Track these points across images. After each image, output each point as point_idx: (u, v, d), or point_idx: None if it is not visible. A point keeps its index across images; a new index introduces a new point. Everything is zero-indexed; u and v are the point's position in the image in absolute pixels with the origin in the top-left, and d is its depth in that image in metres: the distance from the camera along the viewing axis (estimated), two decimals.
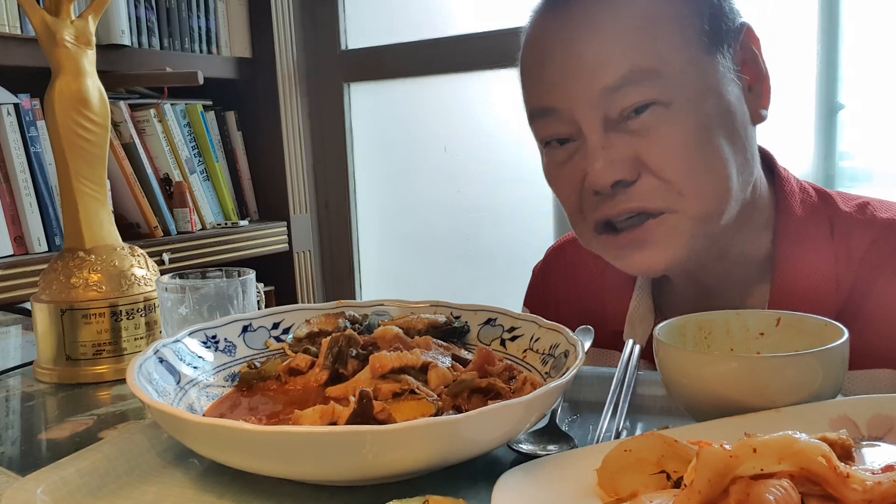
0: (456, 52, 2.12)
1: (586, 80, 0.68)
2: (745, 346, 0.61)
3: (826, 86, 1.67)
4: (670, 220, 0.69)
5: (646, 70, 0.66)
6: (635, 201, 0.69)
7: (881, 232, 0.74)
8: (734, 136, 0.70)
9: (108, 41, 1.81)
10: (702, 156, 0.68)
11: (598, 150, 0.68)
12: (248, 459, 0.48)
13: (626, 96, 0.67)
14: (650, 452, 0.44)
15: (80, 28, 0.82)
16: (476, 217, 2.23)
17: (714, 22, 0.70)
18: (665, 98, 0.67)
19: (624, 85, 0.67)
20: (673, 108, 0.67)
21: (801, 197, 0.77)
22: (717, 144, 0.69)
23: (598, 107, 0.68)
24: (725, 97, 0.70)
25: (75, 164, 0.82)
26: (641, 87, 0.66)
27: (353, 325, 0.70)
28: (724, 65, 0.70)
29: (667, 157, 0.67)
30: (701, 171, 0.68)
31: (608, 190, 0.69)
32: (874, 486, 0.38)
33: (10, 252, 1.65)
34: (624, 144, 0.68)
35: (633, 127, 0.68)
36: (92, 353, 0.80)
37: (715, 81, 0.69)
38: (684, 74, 0.67)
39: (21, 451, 0.62)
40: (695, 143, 0.67)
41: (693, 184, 0.68)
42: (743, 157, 0.71)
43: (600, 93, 0.67)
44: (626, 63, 0.67)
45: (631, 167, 0.68)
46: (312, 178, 2.40)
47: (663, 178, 0.68)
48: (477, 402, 0.56)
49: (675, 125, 0.67)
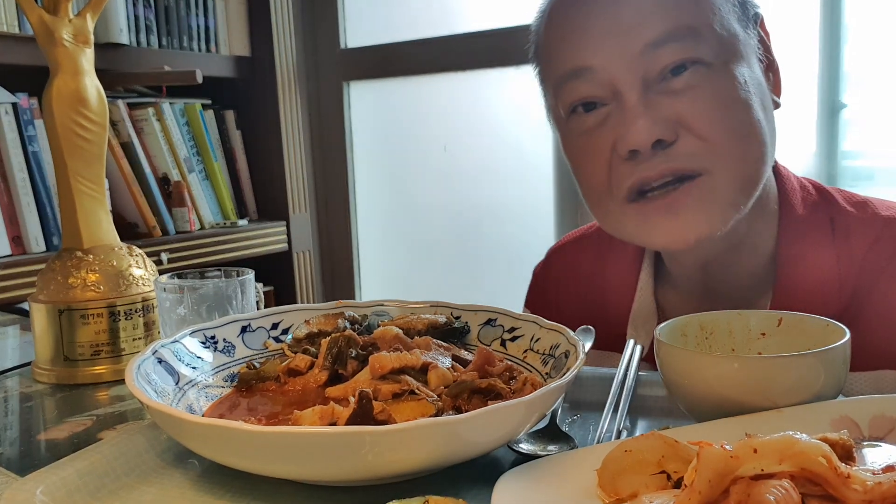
0: (456, 51, 2.12)
1: (626, 38, 0.67)
2: (747, 346, 0.61)
3: (828, 85, 1.67)
4: (707, 182, 0.67)
5: (689, 27, 0.67)
6: (674, 161, 0.67)
7: (882, 230, 0.74)
8: (766, 106, 0.71)
9: (106, 40, 1.81)
10: (741, 118, 0.68)
11: (639, 109, 0.67)
12: (248, 460, 0.48)
13: (669, 53, 0.66)
14: (651, 453, 0.44)
15: (78, 26, 0.81)
16: (476, 217, 2.23)
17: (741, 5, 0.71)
18: (706, 58, 0.67)
19: (668, 41, 0.66)
20: (713, 69, 0.67)
21: (801, 195, 0.77)
22: (755, 109, 0.69)
23: (638, 65, 0.67)
24: (756, 70, 0.71)
25: (73, 163, 0.81)
26: (685, 44, 0.66)
27: (353, 326, 0.70)
28: (752, 40, 0.72)
29: (708, 117, 0.67)
30: (741, 132, 0.68)
31: (647, 150, 0.67)
32: (875, 486, 0.38)
33: (8, 252, 1.65)
34: (664, 104, 0.67)
35: (674, 87, 0.67)
36: (90, 354, 0.80)
37: (748, 51, 0.71)
38: (723, 37, 0.68)
39: (20, 451, 0.62)
40: (735, 105, 0.67)
41: (734, 144, 0.67)
42: (771, 130, 0.72)
43: (642, 49, 0.67)
44: (669, 19, 0.66)
45: (671, 128, 0.67)
46: (312, 178, 2.40)
47: (704, 138, 0.67)
48: (477, 402, 0.56)
49: (716, 85, 0.67)
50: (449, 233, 2.30)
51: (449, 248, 2.30)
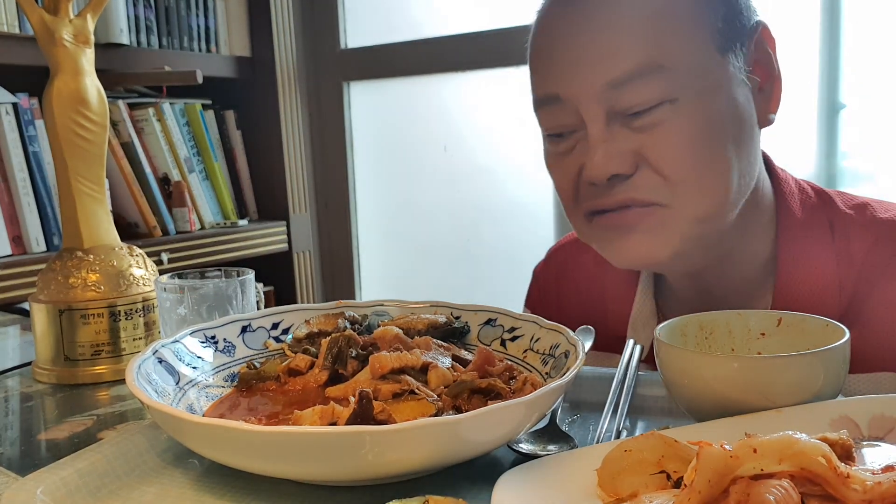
0: (456, 52, 2.12)
1: (591, 72, 0.67)
2: (746, 346, 0.61)
3: (828, 85, 1.67)
4: (661, 212, 0.68)
5: (653, 66, 0.65)
6: (628, 193, 0.68)
7: (881, 233, 0.74)
8: (740, 138, 0.69)
9: (106, 40, 1.81)
10: (705, 155, 0.67)
11: (599, 142, 0.67)
12: (248, 459, 0.48)
13: (633, 92, 0.66)
14: (650, 453, 0.44)
15: (78, 27, 0.81)
16: (476, 217, 2.23)
17: (729, 20, 0.68)
18: (671, 95, 0.66)
19: (630, 80, 0.66)
20: (680, 105, 0.66)
21: (800, 198, 0.77)
22: (722, 145, 0.68)
23: (602, 99, 0.67)
24: (734, 98, 0.69)
25: (74, 163, 0.81)
26: (648, 83, 0.65)
27: (353, 326, 0.70)
28: (735, 65, 0.69)
29: (669, 154, 0.66)
30: (703, 170, 0.67)
31: (604, 182, 0.68)
32: (874, 486, 0.38)
33: (9, 252, 1.65)
34: (625, 138, 0.67)
35: (638, 123, 0.67)
36: (90, 354, 0.80)
37: (725, 81, 0.68)
38: (693, 71, 0.66)
39: (20, 451, 0.62)
40: (700, 142, 0.66)
41: (693, 182, 0.67)
42: (747, 161, 0.70)
43: (606, 86, 0.66)
44: (634, 56, 0.65)
45: (630, 161, 0.67)
46: (312, 178, 2.40)
47: (663, 175, 0.67)
48: (477, 402, 0.56)
49: (682, 122, 0.66)
50: (449, 233, 2.30)
51: (449, 248, 2.30)
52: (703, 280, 0.78)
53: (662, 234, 0.68)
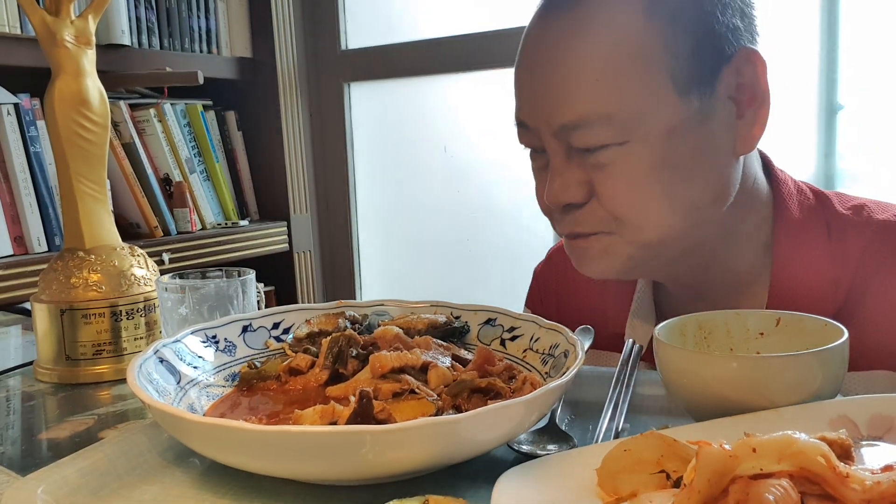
0: (456, 52, 2.12)
1: (547, 112, 0.70)
2: (745, 346, 0.61)
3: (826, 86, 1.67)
4: (604, 239, 0.72)
5: (602, 114, 0.67)
6: (578, 226, 0.73)
7: (878, 234, 0.74)
8: (694, 175, 0.70)
9: (108, 41, 1.81)
10: (651, 193, 0.69)
11: (557, 173, 0.71)
12: (248, 459, 0.48)
13: (583, 136, 0.69)
14: (650, 452, 0.45)
15: (79, 28, 0.82)
16: (476, 217, 2.23)
17: (696, 60, 0.67)
18: (620, 139, 0.68)
19: (579, 126, 0.68)
20: (629, 147, 0.68)
21: (798, 199, 0.77)
22: (671, 182, 0.69)
23: (559, 136, 0.70)
24: (692, 139, 0.69)
25: (75, 163, 0.82)
26: (598, 130, 0.68)
27: (353, 325, 0.70)
28: (699, 104, 0.68)
29: (616, 192, 0.70)
30: (644, 207, 0.70)
31: (559, 209, 0.73)
32: (873, 485, 0.38)
33: (10, 252, 1.65)
34: (580, 171, 0.71)
35: (591, 160, 0.70)
36: (92, 353, 0.80)
37: (681, 124, 0.68)
38: (645, 117, 0.67)
39: (21, 450, 0.62)
40: (644, 183, 0.69)
41: (634, 217, 0.70)
42: (709, 194, 0.71)
43: (559, 127, 0.70)
44: (582, 106, 0.68)
45: (584, 192, 0.71)
46: (312, 178, 2.40)
47: (608, 209, 0.70)
48: (477, 401, 0.56)
49: (629, 164, 0.68)
50: (449, 233, 2.30)
51: (449, 248, 2.31)
52: (690, 282, 0.79)
53: (610, 257, 0.73)
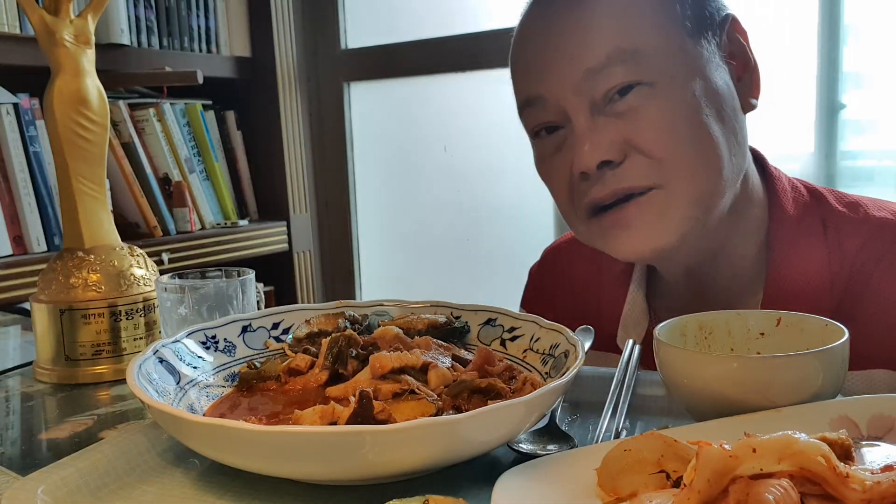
0: (456, 52, 2.12)
1: (569, 65, 0.69)
2: (746, 346, 0.61)
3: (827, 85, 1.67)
4: (658, 197, 0.68)
5: (628, 50, 0.67)
6: (623, 181, 0.69)
7: (874, 231, 0.74)
8: (723, 116, 0.70)
9: (107, 40, 1.81)
10: (691, 133, 0.68)
11: (585, 132, 0.69)
12: (248, 459, 0.48)
13: (610, 77, 0.68)
14: (650, 452, 0.44)
15: (79, 27, 0.81)
16: (476, 217, 2.23)
17: (696, 9, 0.71)
18: (648, 78, 0.68)
19: (607, 66, 0.68)
20: (657, 88, 0.68)
21: (793, 195, 0.77)
22: (706, 123, 0.69)
23: (583, 90, 0.69)
24: (712, 80, 0.70)
25: (74, 163, 0.82)
26: (625, 68, 0.67)
27: (353, 326, 0.70)
28: (709, 49, 0.71)
29: (655, 136, 0.68)
30: (691, 147, 0.68)
31: (594, 171, 0.69)
32: (873, 485, 0.38)
33: (9, 252, 1.65)
34: (610, 127, 0.68)
35: (619, 109, 0.68)
36: (91, 354, 0.80)
37: (700, 64, 0.70)
38: (667, 55, 0.68)
39: (21, 451, 0.62)
40: (683, 121, 0.68)
41: (684, 160, 0.68)
42: (735, 140, 0.72)
43: (584, 75, 0.68)
44: (607, 44, 0.68)
45: (618, 149, 0.68)
46: (312, 178, 2.40)
47: (653, 157, 0.68)
48: (477, 402, 0.56)
49: (661, 104, 0.68)
50: (449, 233, 2.30)
51: (449, 248, 2.31)
52: (696, 276, 0.79)
53: (663, 220, 0.69)
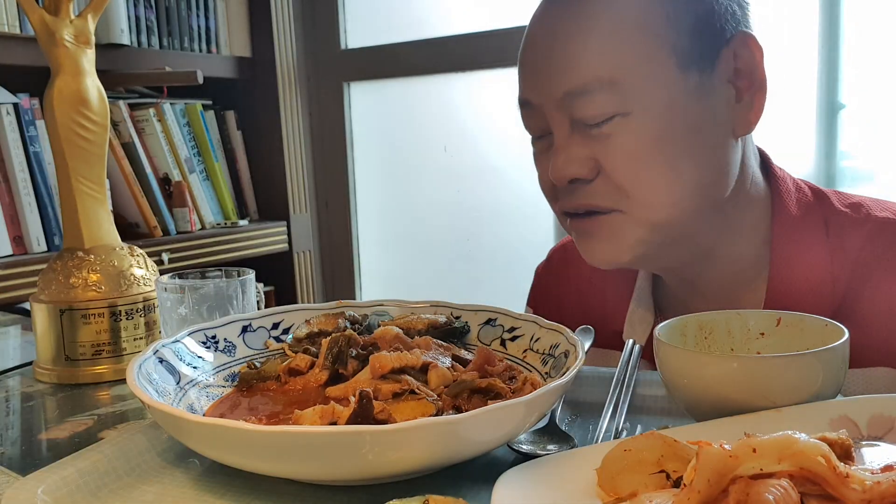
0: (456, 52, 2.12)
1: (551, 81, 0.70)
2: (746, 346, 0.61)
3: (827, 85, 1.67)
4: (615, 219, 0.71)
5: (606, 80, 0.68)
6: (587, 199, 0.72)
7: (876, 231, 0.74)
8: (696, 151, 0.70)
9: (107, 40, 1.81)
10: (655, 166, 0.69)
11: (561, 148, 0.71)
12: (248, 459, 0.48)
13: (587, 104, 0.69)
14: (650, 452, 0.44)
15: (79, 27, 0.81)
16: (476, 217, 2.23)
17: (697, 33, 0.69)
18: (623, 109, 0.68)
19: (585, 92, 0.68)
20: (632, 118, 0.69)
21: (796, 196, 0.77)
22: (674, 157, 0.69)
23: (563, 108, 0.70)
24: (693, 114, 0.69)
25: (74, 163, 0.82)
26: (601, 97, 0.68)
27: (353, 326, 0.70)
28: (698, 80, 0.69)
29: (621, 164, 0.69)
30: (651, 181, 0.70)
31: (565, 185, 0.72)
32: (873, 485, 0.38)
33: (9, 252, 1.65)
34: (584, 146, 0.70)
35: (594, 132, 0.70)
36: (91, 354, 0.80)
37: (682, 97, 0.69)
38: (647, 87, 0.68)
39: (21, 451, 0.62)
40: (649, 154, 0.69)
41: (641, 191, 0.70)
42: (711, 170, 0.71)
43: (563, 95, 0.70)
44: (587, 72, 0.68)
45: (590, 167, 0.70)
46: (312, 178, 2.40)
47: (616, 183, 0.70)
48: (477, 402, 0.56)
49: (633, 134, 0.69)
50: (449, 233, 2.30)
51: (449, 248, 2.31)
52: (688, 276, 0.79)
53: (620, 239, 0.72)
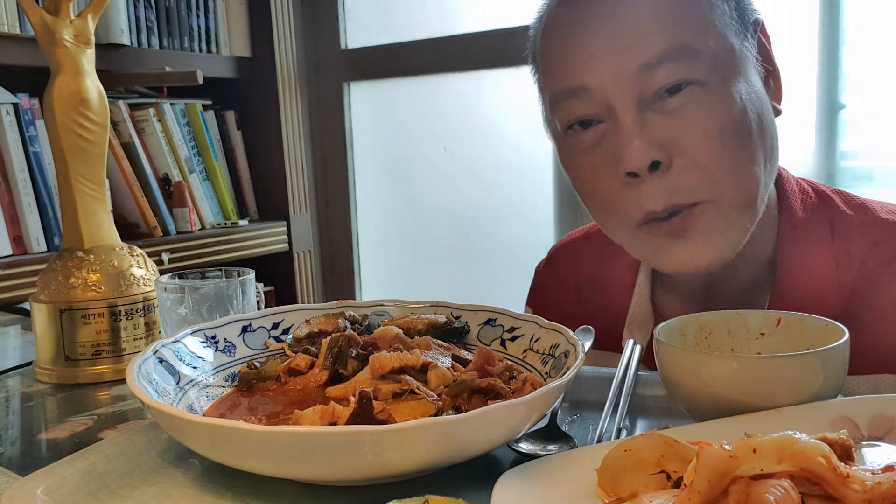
0: (456, 52, 2.12)
1: (622, 57, 0.66)
2: (746, 346, 0.61)
3: (827, 85, 1.67)
4: (711, 208, 0.67)
5: (685, 47, 0.65)
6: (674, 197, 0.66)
7: (881, 234, 0.74)
8: (763, 123, 0.69)
9: (107, 40, 1.81)
10: (736, 140, 0.66)
11: (634, 129, 0.66)
12: (248, 459, 0.48)
13: (665, 73, 0.65)
14: (650, 452, 0.44)
15: (79, 27, 0.81)
16: (476, 217, 2.23)
17: (739, 9, 0.70)
18: (702, 77, 0.66)
19: (663, 61, 0.65)
20: (709, 89, 0.66)
21: (801, 197, 0.77)
22: (750, 129, 0.67)
23: (633, 85, 0.66)
24: (754, 83, 0.70)
25: (74, 163, 0.82)
26: (681, 64, 0.65)
27: (353, 326, 0.70)
28: (750, 51, 0.70)
29: (703, 142, 0.65)
30: (735, 156, 0.66)
31: (645, 171, 0.66)
32: (874, 486, 0.38)
33: (9, 252, 1.65)
34: (659, 124, 0.66)
35: (668, 107, 0.66)
36: (91, 354, 0.80)
37: (745, 66, 0.69)
38: (719, 54, 0.66)
39: (21, 451, 0.62)
40: (730, 127, 0.66)
41: (729, 173, 0.66)
42: (770, 145, 0.71)
43: (637, 70, 0.66)
44: (665, 39, 0.65)
45: (666, 149, 0.66)
46: (312, 178, 2.40)
47: (699, 166, 0.66)
48: (477, 402, 0.56)
49: (711, 105, 0.66)
50: (449, 233, 2.30)
51: (449, 248, 2.31)
52: (713, 280, 0.77)
53: (716, 233, 0.67)
